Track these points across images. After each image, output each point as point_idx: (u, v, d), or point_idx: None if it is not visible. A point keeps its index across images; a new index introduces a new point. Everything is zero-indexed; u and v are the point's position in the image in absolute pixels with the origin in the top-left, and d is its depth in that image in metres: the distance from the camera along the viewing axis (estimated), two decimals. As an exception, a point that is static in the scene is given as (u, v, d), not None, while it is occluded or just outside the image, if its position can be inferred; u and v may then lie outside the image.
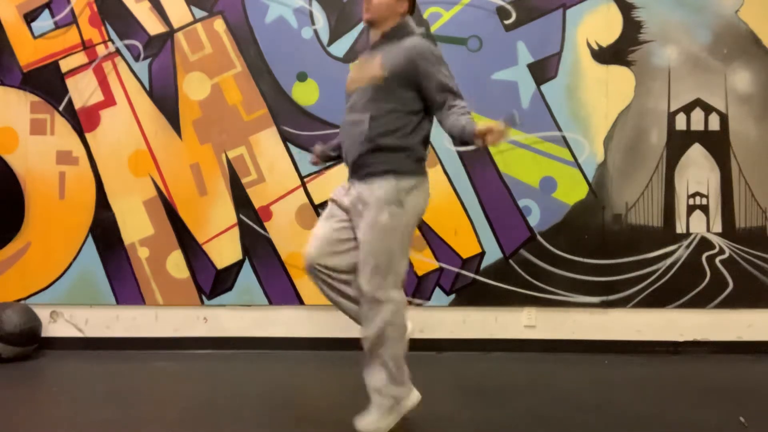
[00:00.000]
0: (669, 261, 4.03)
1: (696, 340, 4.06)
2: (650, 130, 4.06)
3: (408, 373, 2.60)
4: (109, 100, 3.99)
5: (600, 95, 4.03)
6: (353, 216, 2.59)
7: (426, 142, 2.63)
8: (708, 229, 4.06)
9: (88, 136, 3.99)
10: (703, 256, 4.04)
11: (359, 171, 2.56)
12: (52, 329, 3.98)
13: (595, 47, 4.03)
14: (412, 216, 2.54)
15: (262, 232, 4.00)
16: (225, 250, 4.00)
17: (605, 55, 4.04)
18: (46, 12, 3.97)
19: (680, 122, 4.06)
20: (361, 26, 3.99)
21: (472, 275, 4.02)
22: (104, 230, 3.98)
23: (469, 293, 4.02)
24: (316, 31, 4.02)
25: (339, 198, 2.67)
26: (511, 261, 4.02)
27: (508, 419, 2.83)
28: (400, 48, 2.52)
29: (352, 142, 2.58)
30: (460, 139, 2.43)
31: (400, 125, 2.52)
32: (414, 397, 2.64)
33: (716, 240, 4.05)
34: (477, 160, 3.99)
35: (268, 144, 4.01)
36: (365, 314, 2.53)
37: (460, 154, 3.96)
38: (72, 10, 3.98)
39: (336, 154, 2.93)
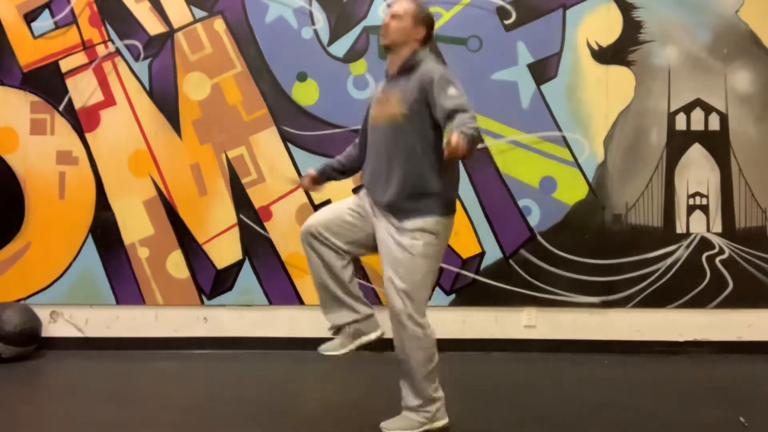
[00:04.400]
0: (669, 261, 4.03)
1: (696, 340, 4.06)
2: (650, 130, 4.06)
3: (440, 393, 2.61)
4: (109, 100, 3.99)
5: (600, 95, 4.03)
6: (372, 223, 2.61)
7: (457, 180, 2.66)
8: (708, 229, 4.05)
9: (88, 136, 3.99)
10: (703, 256, 4.04)
11: (392, 213, 2.56)
12: (52, 329, 3.98)
13: (595, 47, 4.03)
14: (442, 247, 2.59)
15: (262, 232, 4.00)
16: (225, 250, 4.00)
17: (605, 55, 4.04)
18: (46, 12, 3.97)
19: (680, 122, 4.06)
20: (360, 27, 4.00)
21: (472, 275, 4.02)
22: (104, 230, 3.98)
23: (469, 293, 4.02)
24: (316, 31, 4.02)
25: (366, 199, 2.66)
26: (511, 261, 4.02)
27: (508, 419, 2.83)
28: (414, 79, 2.54)
29: (384, 187, 2.57)
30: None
31: (428, 165, 2.51)
32: (445, 420, 2.64)
33: (716, 240, 4.05)
34: (477, 160, 3.99)
35: (268, 144, 4.01)
36: (395, 331, 2.56)
37: (460, 154, 3.95)
38: (72, 10, 3.98)
39: (339, 174, 2.92)
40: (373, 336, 2.64)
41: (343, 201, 2.71)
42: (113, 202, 3.99)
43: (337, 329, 2.65)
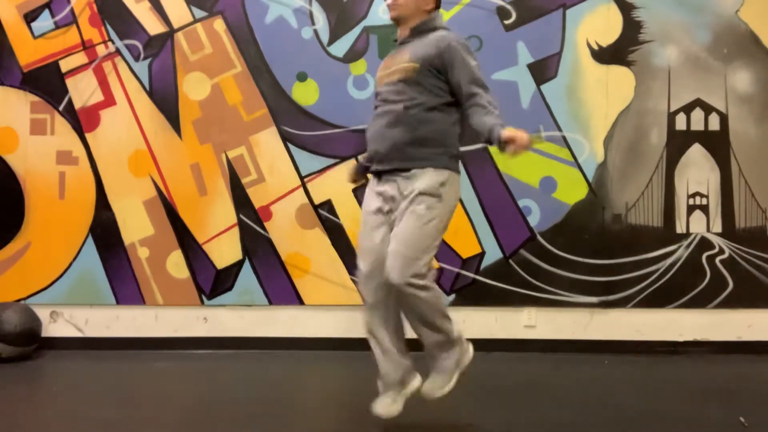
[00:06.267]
0: (669, 261, 4.03)
1: (696, 340, 4.06)
2: (650, 130, 4.06)
3: (459, 331, 2.57)
4: (109, 100, 3.99)
5: (600, 95, 4.03)
6: (389, 211, 2.55)
7: (460, 138, 2.61)
8: (708, 229, 4.06)
9: (88, 136, 3.99)
10: (703, 256, 4.04)
11: (395, 163, 2.51)
12: (52, 329, 3.98)
13: (595, 47, 4.03)
14: (447, 209, 2.53)
15: (262, 232, 4.00)
16: (225, 250, 4.00)
17: (605, 55, 4.04)
18: (46, 12, 3.97)
19: (680, 122, 4.07)
20: (360, 27, 4.00)
21: (472, 275, 4.02)
22: (104, 230, 3.98)
23: (469, 293, 4.02)
24: (316, 31, 4.02)
25: (372, 205, 2.61)
26: (511, 261, 4.02)
27: (508, 419, 2.82)
28: (429, 40, 2.53)
29: (387, 133, 2.53)
30: (485, 138, 2.42)
31: (434, 118, 2.51)
32: (470, 351, 2.62)
33: (716, 240, 4.05)
34: (477, 159, 3.99)
35: (268, 144, 4.01)
36: (403, 303, 2.47)
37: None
38: (72, 10, 3.98)
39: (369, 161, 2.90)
40: (416, 384, 2.64)
41: (363, 221, 2.64)
42: (113, 202, 3.99)
43: (386, 384, 2.62)
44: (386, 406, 2.58)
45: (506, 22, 4.02)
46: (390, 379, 2.60)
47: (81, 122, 3.98)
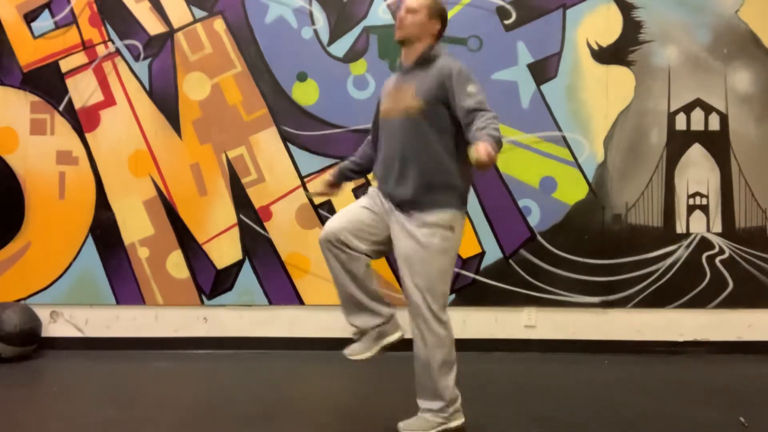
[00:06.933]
0: (669, 261, 4.03)
1: (696, 340, 4.06)
2: (650, 130, 4.06)
3: (457, 393, 2.58)
4: (109, 100, 3.99)
5: (600, 95, 4.03)
6: (387, 220, 2.58)
7: (472, 172, 2.60)
8: (708, 229, 4.06)
9: (88, 136, 3.99)
10: (703, 256, 4.04)
11: (406, 206, 2.54)
12: (52, 329, 3.98)
13: (595, 47, 4.04)
14: (458, 241, 2.57)
15: (262, 232, 4.00)
16: (225, 250, 4.00)
17: (605, 55, 4.04)
18: (46, 12, 3.97)
19: (680, 122, 4.07)
20: (360, 27, 4.00)
21: (472, 275, 4.02)
22: (104, 230, 3.98)
23: (469, 293, 4.02)
24: (316, 31, 4.02)
25: (377, 197, 2.64)
26: (511, 261, 4.02)
27: (508, 419, 2.83)
28: (432, 72, 2.53)
29: (398, 181, 2.55)
30: None
31: (443, 159, 2.51)
32: (460, 419, 2.60)
33: (716, 240, 4.05)
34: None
35: (268, 144, 4.01)
36: (416, 330, 2.54)
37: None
38: (72, 10, 3.98)
39: (356, 174, 2.91)
40: (395, 337, 2.63)
41: (357, 202, 2.69)
42: (113, 202, 3.99)
43: (361, 333, 2.63)
44: (359, 350, 2.62)
45: (506, 22, 4.02)
46: (362, 328, 2.63)
47: (81, 122, 3.98)
